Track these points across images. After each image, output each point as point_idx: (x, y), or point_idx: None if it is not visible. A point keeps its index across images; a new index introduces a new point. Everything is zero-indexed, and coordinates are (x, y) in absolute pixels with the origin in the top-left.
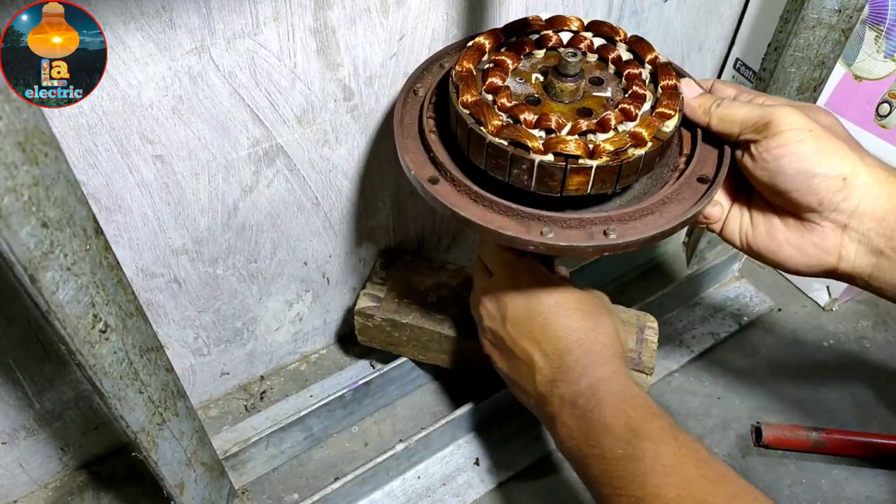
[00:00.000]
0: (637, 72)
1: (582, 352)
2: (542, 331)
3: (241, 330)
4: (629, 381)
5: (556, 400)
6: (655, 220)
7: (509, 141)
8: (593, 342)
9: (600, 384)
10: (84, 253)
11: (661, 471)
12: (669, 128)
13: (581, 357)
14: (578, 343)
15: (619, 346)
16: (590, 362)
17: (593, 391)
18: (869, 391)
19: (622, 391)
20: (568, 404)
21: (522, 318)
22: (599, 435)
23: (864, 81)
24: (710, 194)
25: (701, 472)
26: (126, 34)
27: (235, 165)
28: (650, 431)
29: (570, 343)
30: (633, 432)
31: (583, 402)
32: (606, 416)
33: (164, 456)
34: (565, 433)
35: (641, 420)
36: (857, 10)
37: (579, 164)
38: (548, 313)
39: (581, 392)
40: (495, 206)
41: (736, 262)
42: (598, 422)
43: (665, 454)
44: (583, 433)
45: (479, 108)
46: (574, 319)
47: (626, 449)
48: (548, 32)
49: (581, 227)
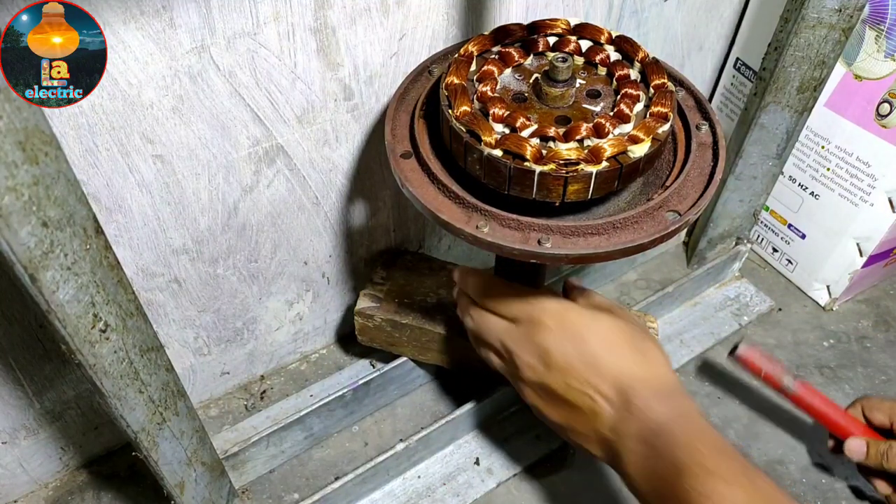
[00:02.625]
0: (626, 73)
1: (643, 388)
2: (598, 374)
3: (242, 330)
4: (697, 416)
5: (623, 440)
6: (599, 241)
7: (467, 129)
8: (652, 376)
9: (668, 420)
10: (84, 252)
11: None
12: (641, 149)
13: (643, 394)
14: (638, 379)
15: (674, 375)
16: (653, 398)
17: (661, 428)
18: (869, 391)
19: (692, 427)
20: (636, 443)
21: (572, 364)
22: (670, 474)
23: (864, 81)
24: (674, 231)
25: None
26: (126, 34)
27: (236, 165)
28: (723, 471)
29: (631, 381)
30: (706, 471)
31: (652, 439)
32: (677, 455)
33: (164, 455)
34: (634, 472)
35: (713, 458)
36: (857, 10)
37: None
38: (599, 353)
39: (649, 430)
40: (446, 192)
41: (736, 262)
42: (669, 460)
43: (738, 496)
44: (652, 472)
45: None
46: (627, 356)
47: (697, 488)
48: (534, 37)
49: (520, 229)
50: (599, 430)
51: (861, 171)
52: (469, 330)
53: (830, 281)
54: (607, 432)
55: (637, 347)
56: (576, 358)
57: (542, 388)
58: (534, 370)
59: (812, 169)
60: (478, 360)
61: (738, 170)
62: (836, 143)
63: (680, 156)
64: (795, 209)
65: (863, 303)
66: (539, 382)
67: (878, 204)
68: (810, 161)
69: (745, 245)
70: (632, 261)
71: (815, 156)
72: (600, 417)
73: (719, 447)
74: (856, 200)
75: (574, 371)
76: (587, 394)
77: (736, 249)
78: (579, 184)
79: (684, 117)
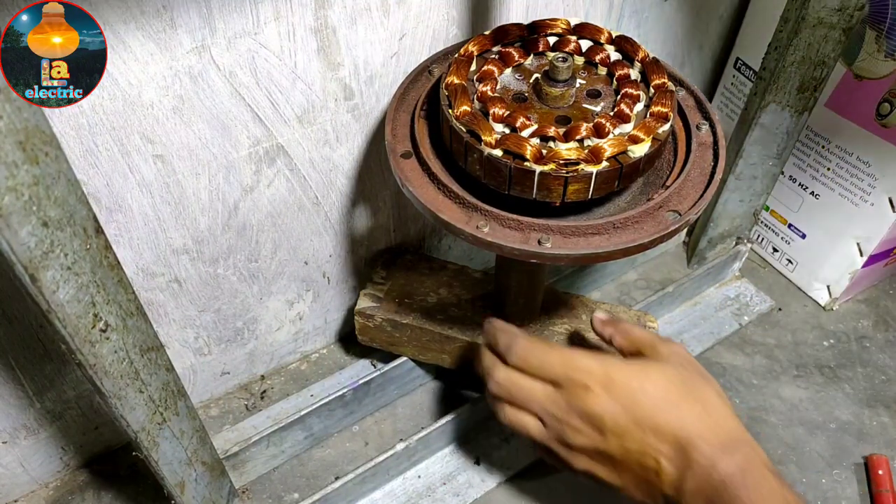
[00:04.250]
0: (626, 72)
1: (703, 443)
2: (655, 434)
3: (242, 329)
4: (764, 471)
5: (685, 498)
6: (599, 241)
7: (467, 129)
8: (713, 427)
9: (732, 476)
10: (84, 252)
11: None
12: (640, 151)
13: (704, 449)
14: (699, 434)
15: (736, 421)
16: (715, 452)
17: (726, 485)
18: (869, 391)
19: (758, 485)
20: (701, 500)
21: (627, 428)
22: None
23: (864, 81)
24: (674, 231)
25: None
26: (126, 34)
27: (236, 165)
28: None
29: (692, 436)
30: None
31: (717, 499)
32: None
33: (164, 455)
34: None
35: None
36: (857, 10)
37: (525, 167)
38: (655, 411)
39: (713, 488)
40: (447, 191)
41: (736, 262)
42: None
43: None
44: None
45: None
46: (685, 408)
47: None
48: (534, 37)
49: (520, 229)
50: (664, 490)
51: (861, 171)
52: (494, 393)
53: (830, 281)
54: (670, 491)
55: (693, 396)
56: (630, 421)
57: (598, 454)
58: (587, 436)
59: (812, 169)
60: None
61: (738, 170)
62: (836, 143)
63: (680, 156)
64: (796, 209)
65: (863, 303)
66: (594, 449)
67: (879, 204)
68: (810, 161)
69: (746, 245)
70: (632, 261)
71: (815, 155)
72: (661, 478)
73: (783, 501)
74: (856, 200)
75: (630, 434)
76: (648, 454)
77: (736, 249)
78: (579, 184)
79: (684, 117)
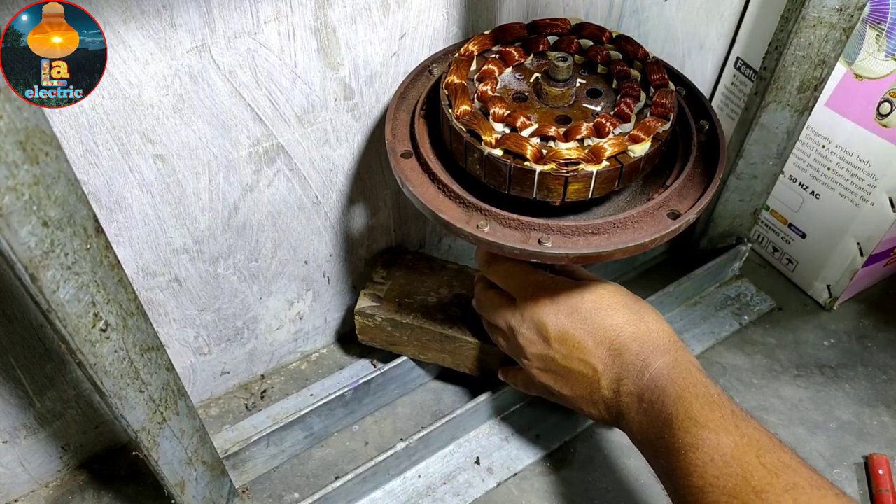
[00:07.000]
0: (626, 72)
1: (638, 345)
2: (593, 336)
3: (242, 329)
4: (690, 368)
5: (623, 398)
6: (599, 241)
7: (467, 128)
8: (646, 332)
9: (661, 374)
10: (85, 252)
11: (721, 461)
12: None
13: (639, 351)
14: (633, 338)
15: (668, 330)
16: (648, 354)
17: (655, 382)
18: (870, 390)
19: (683, 379)
20: (635, 399)
21: (568, 332)
22: (662, 426)
23: (864, 80)
24: (674, 231)
25: (761, 461)
26: (126, 33)
27: (236, 165)
28: (710, 420)
29: (625, 339)
30: (694, 422)
31: (647, 395)
32: (668, 407)
33: (164, 455)
34: (635, 428)
35: (701, 409)
36: (858, 9)
37: (525, 167)
38: (592, 317)
39: (645, 385)
40: (447, 191)
41: (736, 262)
42: (661, 413)
43: (725, 444)
44: (649, 426)
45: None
46: (620, 315)
47: (686, 439)
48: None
49: (520, 229)
50: (603, 392)
51: (861, 171)
52: (476, 309)
53: (831, 280)
54: (608, 393)
55: (629, 308)
56: (570, 327)
57: (545, 361)
58: (536, 344)
59: (812, 168)
60: (478, 358)
61: (738, 169)
62: (836, 143)
63: (680, 155)
64: (796, 208)
65: (863, 302)
66: (541, 356)
67: (879, 203)
68: (811, 160)
69: (746, 244)
70: (632, 260)
71: (815, 155)
72: (602, 380)
73: (709, 397)
74: (856, 200)
75: (570, 340)
76: (584, 360)
77: (736, 249)
78: (580, 183)
79: (685, 116)
